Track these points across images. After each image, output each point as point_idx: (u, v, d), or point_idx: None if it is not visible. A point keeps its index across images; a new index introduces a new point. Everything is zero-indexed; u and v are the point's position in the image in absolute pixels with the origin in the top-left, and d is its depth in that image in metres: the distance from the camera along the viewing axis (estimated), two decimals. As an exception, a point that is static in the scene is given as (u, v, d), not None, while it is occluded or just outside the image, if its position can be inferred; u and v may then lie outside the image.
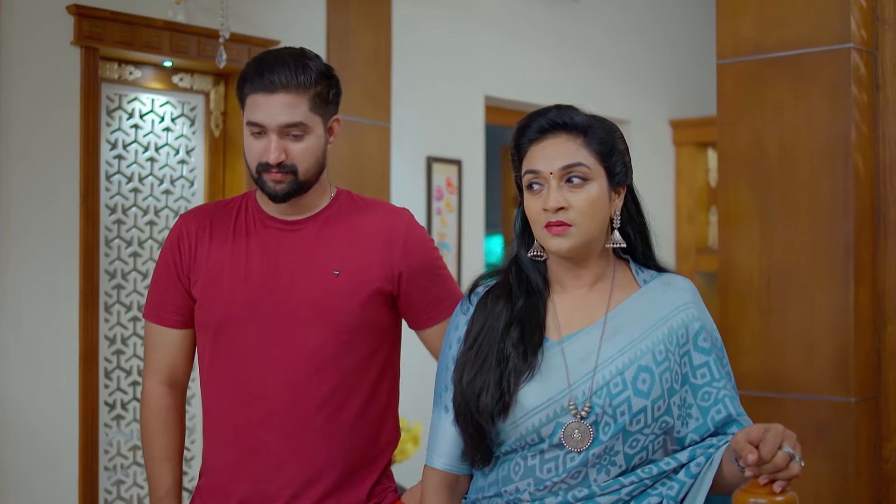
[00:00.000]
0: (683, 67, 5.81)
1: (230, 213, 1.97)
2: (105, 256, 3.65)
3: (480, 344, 1.64)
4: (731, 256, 2.62)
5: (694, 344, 1.64)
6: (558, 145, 1.63)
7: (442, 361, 1.73)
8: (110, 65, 3.64)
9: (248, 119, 1.86)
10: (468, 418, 1.62)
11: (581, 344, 1.63)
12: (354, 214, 1.96)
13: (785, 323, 2.51)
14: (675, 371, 1.61)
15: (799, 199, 2.51)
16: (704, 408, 1.62)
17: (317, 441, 1.88)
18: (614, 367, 1.60)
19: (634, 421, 1.58)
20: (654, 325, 1.63)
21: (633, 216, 1.71)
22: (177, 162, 3.88)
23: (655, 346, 1.62)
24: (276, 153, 1.83)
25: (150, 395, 1.99)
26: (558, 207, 1.60)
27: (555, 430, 1.59)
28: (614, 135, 1.67)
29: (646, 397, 1.59)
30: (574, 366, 1.61)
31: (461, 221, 4.71)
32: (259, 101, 1.83)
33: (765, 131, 2.56)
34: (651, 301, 1.66)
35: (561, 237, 1.61)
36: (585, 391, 1.59)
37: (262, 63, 1.86)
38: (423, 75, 4.56)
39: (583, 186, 1.61)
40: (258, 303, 1.89)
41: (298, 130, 1.85)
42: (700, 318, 1.66)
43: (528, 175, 1.64)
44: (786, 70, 2.54)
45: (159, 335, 1.98)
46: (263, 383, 1.88)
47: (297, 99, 1.83)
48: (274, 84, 1.82)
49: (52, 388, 3.34)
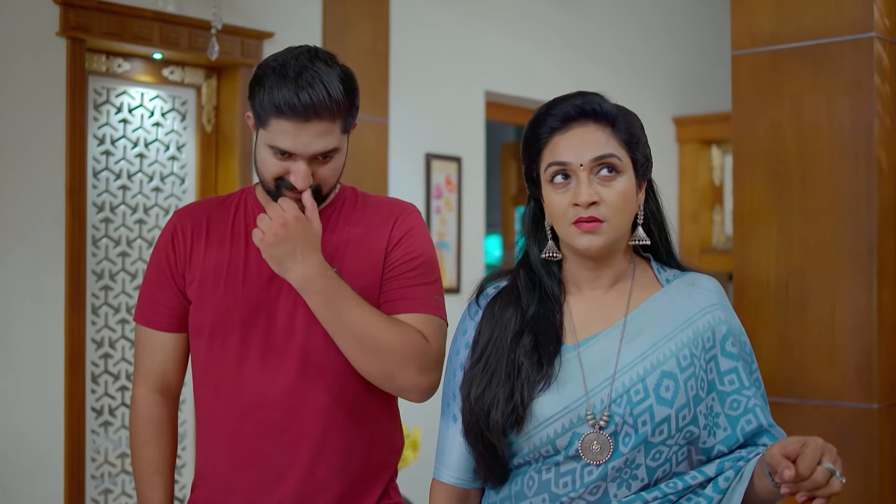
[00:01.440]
0: (687, 63, 5.84)
1: (228, 210, 1.90)
2: (92, 256, 3.63)
3: (488, 357, 1.57)
4: (747, 257, 2.59)
5: (721, 348, 1.56)
6: (587, 134, 1.55)
7: (449, 368, 1.66)
8: (98, 57, 3.60)
9: (274, 144, 1.76)
10: (478, 436, 1.55)
11: (599, 348, 1.55)
12: (359, 212, 1.90)
13: (805, 326, 2.48)
14: (700, 377, 1.53)
15: (819, 196, 2.48)
16: (733, 417, 1.54)
17: (318, 452, 1.81)
18: (635, 373, 1.52)
19: (657, 431, 1.50)
20: (679, 328, 1.55)
21: (654, 212, 1.64)
22: (167, 158, 3.84)
23: (680, 350, 1.53)
24: (306, 181, 1.76)
25: (141, 403, 1.92)
26: (591, 202, 1.51)
27: (571, 442, 1.51)
28: (639, 125, 1.61)
29: (669, 406, 1.50)
30: (591, 372, 1.53)
31: (461, 220, 4.70)
32: (288, 129, 1.74)
33: (783, 125, 2.53)
34: (674, 302, 1.58)
35: (592, 234, 1.52)
36: (604, 399, 1.51)
37: (287, 79, 1.73)
38: (422, 70, 4.54)
39: (614, 179, 1.54)
40: (256, 305, 1.83)
41: (329, 154, 1.79)
42: (727, 322, 1.58)
43: (552, 168, 1.55)
44: (805, 61, 2.51)
45: (150, 339, 1.92)
46: (260, 391, 1.82)
47: (330, 126, 1.76)
48: (307, 112, 1.72)
49: (37, 393, 3.31)
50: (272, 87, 1.74)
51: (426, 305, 1.83)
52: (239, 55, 3.76)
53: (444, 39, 4.64)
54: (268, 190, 1.82)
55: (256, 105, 1.78)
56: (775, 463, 1.36)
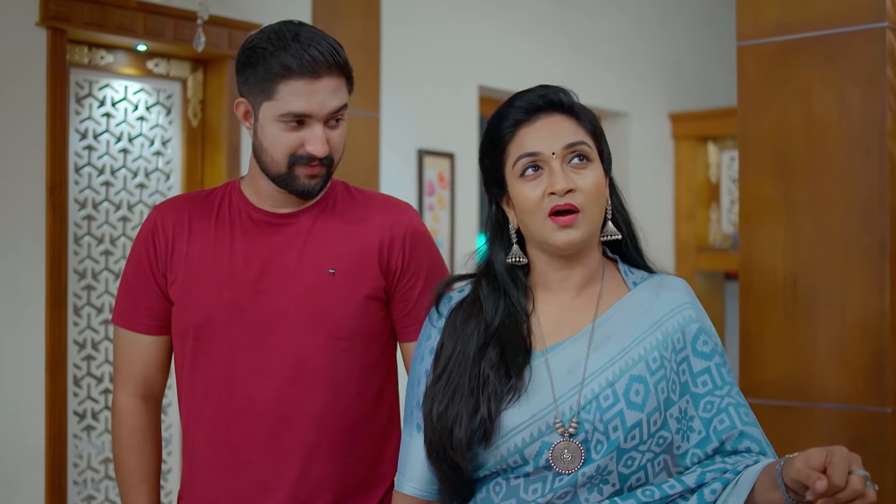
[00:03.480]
0: (682, 57, 5.88)
1: (211, 205, 1.86)
2: (74, 255, 3.59)
3: (451, 372, 1.54)
4: (753, 255, 2.55)
5: (693, 349, 1.55)
6: (556, 124, 1.55)
7: (413, 375, 1.63)
8: (79, 48, 3.56)
9: (287, 111, 1.72)
10: (441, 455, 1.52)
11: (567, 354, 1.53)
12: (352, 207, 1.86)
13: (813, 327, 2.44)
14: (671, 380, 1.52)
15: (829, 193, 2.43)
16: (707, 419, 1.53)
17: (309, 461, 1.77)
18: (604, 379, 1.51)
19: (629, 437, 1.48)
20: (647, 331, 1.54)
21: (619, 208, 1.62)
22: (152, 154, 3.81)
23: (648, 353, 1.52)
24: (325, 145, 1.74)
25: (122, 410, 1.88)
26: (568, 189, 1.50)
27: (540, 451, 1.49)
28: (598, 120, 1.62)
29: (640, 410, 1.49)
30: (560, 379, 1.51)
31: (454, 218, 4.70)
32: (301, 88, 1.71)
33: (790, 119, 2.49)
34: (642, 304, 1.57)
35: (571, 229, 1.51)
36: (573, 406, 1.49)
37: (287, 42, 1.72)
38: (414, 64, 4.52)
39: (586, 167, 1.54)
40: (243, 305, 1.79)
41: (340, 115, 1.77)
42: (698, 320, 1.57)
43: (522, 160, 1.53)
44: (814, 52, 2.46)
45: (131, 342, 1.87)
46: (249, 396, 1.78)
47: (340, 81, 1.75)
48: (319, 66, 1.71)
49: (16, 397, 3.25)
50: (273, 53, 1.72)
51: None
52: (226, 47, 3.73)
53: (437, 33, 4.65)
54: (278, 175, 1.77)
55: (258, 78, 1.74)
56: (803, 477, 1.31)
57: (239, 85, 1.79)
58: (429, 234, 1.90)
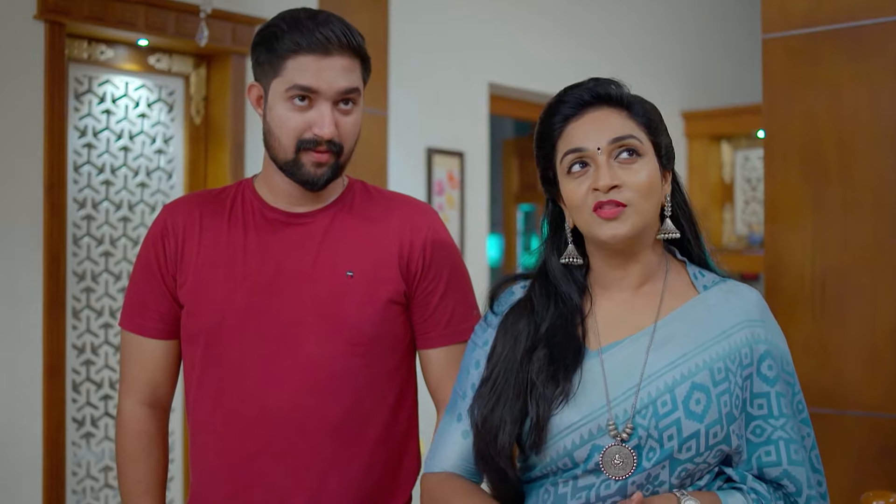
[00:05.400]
0: (695, 56, 5.90)
1: (223, 204, 1.82)
2: (73, 256, 3.57)
3: (497, 376, 1.53)
4: (780, 255, 2.51)
5: (757, 369, 1.49)
6: (603, 118, 1.51)
7: (463, 364, 1.63)
8: (79, 43, 3.54)
9: (296, 83, 1.69)
10: (488, 461, 1.51)
11: (624, 355, 1.50)
12: (370, 207, 1.83)
13: (842, 330, 2.41)
14: (735, 394, 1.47)
15: (859, 191, 2.40)
16: (753, 444, 1.48)
17: (326, 473, 1.73)
18: (662, 383, 1.46)
19: (685, 447, 1.44)
20: (714, 339, 1.49)
21: (682, 205, 1.58)
22: (153, 152, 3.78)
23: (714, 362, 1.47)
24: (332, 126, 1.70)
25: (128, 417, 1.83)
26: (611, 186, 1.46)
27: (590, 454, 1.46)
28: (657, 112, 1.57)
29: (699, 421, 1.44)
30: (614, 380, 1.48)
31: (464, 218, 4.70)
32: (310, 64, 1.69)
33: (819, 115, 2.46)
34: (709, 311, 1.51)
35: (616, 221, 1.47)
36: (627, 409, 1.46)
37: (301, 22, 1.71)
38: (423, 60, 4.51)
39: (636, 162, 1.49)
40: (257, 308, 1.74)
41: (351, 98, 1.73)
42: (768, 342, 1.51)
43: (568, 157, 1.51)
44: (843, 44, 2.43)
45: (138, 347, 1.82)
46: (263, 404, 1.73)
47: (352, 62, 1.72)
48: (330, 43, 1.69)
49: (13, 403, 3.22)
50: (285, 32, 1.70)
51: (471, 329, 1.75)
52: (230, 42, 3.71)
53: (446, 28, 4.65)
54: (285, 163, 1.73)
55: (269, 56, 1.72)
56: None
57: (253, 68, 1.77)
58: (450, 236, 1.87)
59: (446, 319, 1.81)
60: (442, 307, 1.80)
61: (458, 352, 1.77)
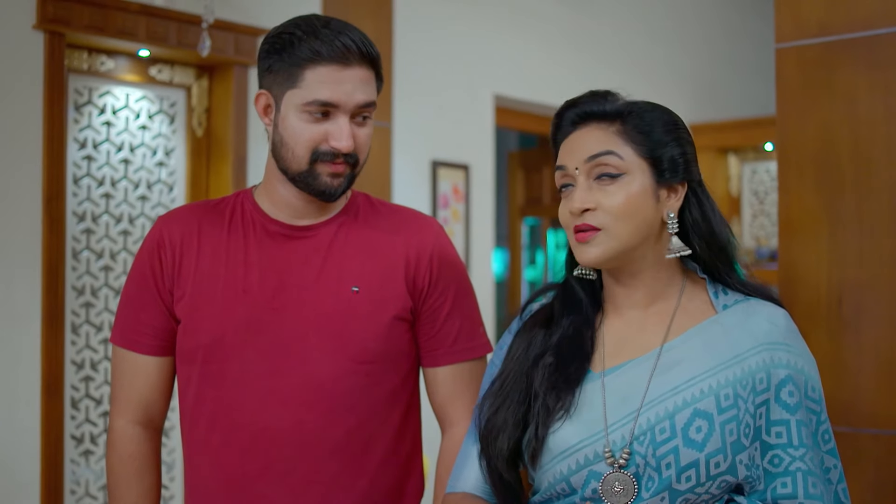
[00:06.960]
0: (702, 68, 5.93)
1: (222, 216, 1.79)
2: (72, 270, 3.57)
3: (507, 377, 1.53)
4: (794, 270, 2.48)
5: (776, 395, 1.43)
6: (586, 135, 1.49)
7: (486, 376, 1.62)
8: (79, 53, 3.54)
9: (315, 98, 1.67)
10: (489, 463, 1.51)
11: (626, 379, 1.46)
12: (375, 220, 1.81)
13: (860, 346, 2.37)
14: (744, 422, 1.41)
15: (876, 203, 2.36)
16: (770, 474, 1.42)
17: (329, 495, 1.70)
18: (663, 409, 1.42)
19: (683, 477, 1.39)
20: (725, 363, 1.43)
21: (698, 220, 1.51)
22: (154, 164, 3.78)
23: (721, 388, 1.42)
24: (350, 139, 1.68)
25: (120, 437, 1.80)
26: (583, 209, 1.45)
27: (587, 481, 1.43)
28: (664, 121, 1.51)
29: (699, 449, 1.39)
30: (614, 404, 1.45)
31: (469, 232, 4.70)
32: (329, 75, 1.67)
33: (834, 126, 2.42)
34: (725, 332, 1.46)
35: (587, 245, 1.46)
36: (625, 435, 1.42)
37: (317, 29, 1.68)
38: (427, 72, 4.53)
39: (613, 183, 1.46)
40: (258, 324, 1.71)
41: (368, 112, 1.72)
42: (790, 366, 1.44)
43: (556, 175, 1.52)
44: (858, 53, 2.40)
45: (131, 364, 1.79)
46: (264, 424, 1.70)
47: (370, 74, 1.71)
48: (350, 52, 1.67)
49: (11, 420, 3.20)
50: (302, 38, 1.67)
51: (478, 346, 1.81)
52: (232, 52, 3.70)
53: (451, 40, 4.67)
54: (298, 173, 1.70)
55: (284, 64, 1.69)
56: None
57: (261, 76, 1.74)
58: (455, 251, 1.85)
59: (453, 337, 1.79)
60: (449, 324, 1.79)
61: (464, 370, 1.77)
